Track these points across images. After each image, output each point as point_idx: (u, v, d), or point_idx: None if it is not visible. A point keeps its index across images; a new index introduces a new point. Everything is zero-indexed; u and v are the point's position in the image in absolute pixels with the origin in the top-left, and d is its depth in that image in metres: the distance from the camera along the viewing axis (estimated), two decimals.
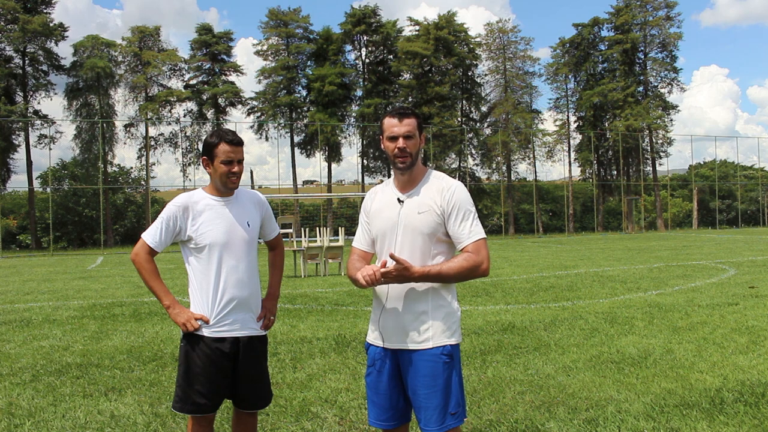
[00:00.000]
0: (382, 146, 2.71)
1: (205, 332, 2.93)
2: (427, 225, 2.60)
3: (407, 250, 2.62)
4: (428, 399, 2.57)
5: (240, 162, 2.99)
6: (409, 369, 2.61)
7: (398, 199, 2.69)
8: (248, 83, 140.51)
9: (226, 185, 2.99)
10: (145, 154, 40.88)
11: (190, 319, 2.93)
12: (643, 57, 47.43)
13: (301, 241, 18.48)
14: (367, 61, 45.59)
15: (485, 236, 2.64)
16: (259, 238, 3.20)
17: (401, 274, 2.50)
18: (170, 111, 42.68)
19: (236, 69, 44.21)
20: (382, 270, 2.50)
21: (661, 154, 47.75)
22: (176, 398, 2.97)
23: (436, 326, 2.60)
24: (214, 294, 2.95)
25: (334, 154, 43.82)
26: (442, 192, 2.63)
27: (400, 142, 2.61)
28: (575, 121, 49.81)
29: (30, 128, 38.63)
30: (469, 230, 2.60)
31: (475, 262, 2.57)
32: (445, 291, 2.64)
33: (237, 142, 2.97)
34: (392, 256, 2.49)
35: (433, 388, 2.56)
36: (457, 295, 2.74)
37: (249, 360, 3.00)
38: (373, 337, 2.75)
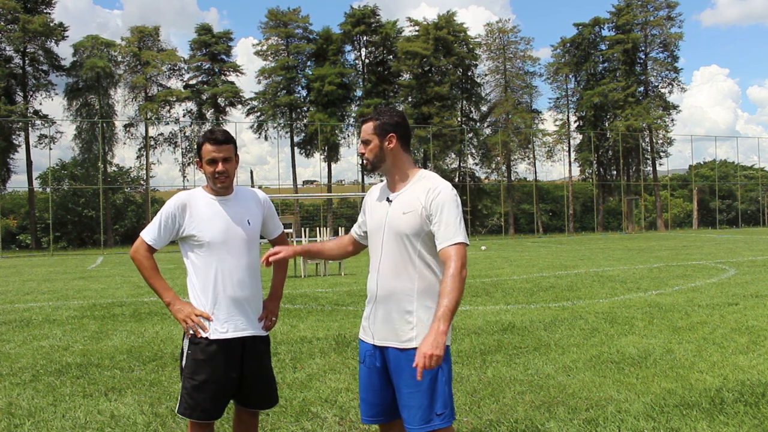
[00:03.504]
0: None
1: (208, 335, 2.88)
2: (409, 226, 2.59)
3: (392, 250, 2.62)
4: (411, 398, 2.55)
5: (226, 161, 2.90)
6: (394, 367, 2.61)
7: (388, 198, 2.71)
8: (248, 83, 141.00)
9: (215, 185, 2.95)
10: (144, 154, 40.93)
11: (191, 314, 2.87)
12: (643, 57, 47.48)
13: (301, 241, 18.48)
14: (367, 61, 45.60)
15: (465, 241, 2.54)
16: (262, 237, 3.16)
17: (432, 356, 2.35)
18: (170, 111, 42.77)
19: (236, 69, 44.26)
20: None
21: (661, 154, 47.84)
22: (183, 404, 2.89)
23: (422, 327, 2.55)
24: (215, 294, 2.90)
25: (333, 154, 43.83)
26: (428, 192, 2.60)
27: (360, 149, 2.71)
28: (575, 121, 49.86)
29: (30, 128, 38.67)
30: (449, 233, 2.51)
31: (458, 274, 2.45)
32: (433, 292, 2.58)
33: (220, 141, 2.88)
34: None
35: (416, 387, 2.53)
36: None
37: (253, 360, 2.97)
38: (363, 334, 2.77)
